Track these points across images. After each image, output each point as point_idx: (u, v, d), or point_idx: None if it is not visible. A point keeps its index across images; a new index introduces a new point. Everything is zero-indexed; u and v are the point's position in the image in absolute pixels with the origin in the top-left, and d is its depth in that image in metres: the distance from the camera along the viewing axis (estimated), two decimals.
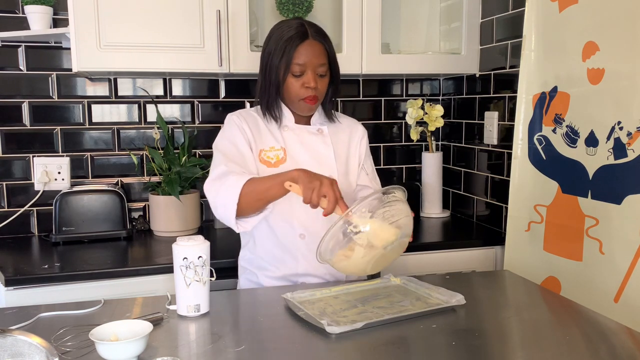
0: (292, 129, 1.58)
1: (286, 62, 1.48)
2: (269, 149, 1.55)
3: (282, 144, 1.56)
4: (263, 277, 1.58)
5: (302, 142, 1.58)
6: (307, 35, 1.49)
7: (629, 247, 1.48)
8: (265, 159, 1.53)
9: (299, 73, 1.49)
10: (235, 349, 1.11)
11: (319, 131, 1.60)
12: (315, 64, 1.49)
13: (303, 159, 1.55)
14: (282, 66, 1.48)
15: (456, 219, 2.45)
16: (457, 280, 1.57)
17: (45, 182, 2.21)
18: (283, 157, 1.54)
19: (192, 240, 1.27)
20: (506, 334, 1.25)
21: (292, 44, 1.47)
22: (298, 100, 1.52)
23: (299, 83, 1.50)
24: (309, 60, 1.48)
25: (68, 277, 1.72)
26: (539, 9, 1.80)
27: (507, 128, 2.12)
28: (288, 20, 1.57)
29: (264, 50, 1.54)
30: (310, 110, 1.56)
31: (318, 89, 1.51)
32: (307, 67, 1.48)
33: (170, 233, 2.14)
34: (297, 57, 1.47)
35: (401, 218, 1.32)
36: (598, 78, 1.58)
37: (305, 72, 1.49)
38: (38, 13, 2.03)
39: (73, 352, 1.08)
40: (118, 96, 2.29)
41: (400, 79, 2.58)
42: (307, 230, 1.54)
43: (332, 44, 1.55)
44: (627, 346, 1.16)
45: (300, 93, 1.50)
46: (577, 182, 1.66)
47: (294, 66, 1.48)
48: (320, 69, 1.50)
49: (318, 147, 1.59)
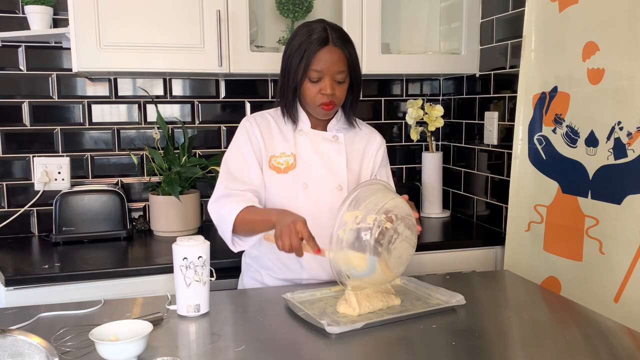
0: (307, 134, 1.57)
1: (304, 67, 1.46)
2: (280, 155, 1.54)
3: (294, 149, 1.55)
4: (267, 276, 1.58)
5: (315, 148, 1.56)
6: (328, 41, 1.45)
7: (629, 247, 1.48)
8: (275, 165, 1.53)
9: (316, 79, 1.47)
10: (235, 349, 1.11)
11: (334, 138, 1.58)
12: (333, 71, 1.46)
13: (314, 165, 1.55)
14: (300, 70, 1.47)
15: (456, 219, 2.45)
16: (457, 280, 1.57)
17: (46, 182, 2.21)
18: (293, 163, 1.53)
19: (192, 240, 1.27)
20: (506, 334, 1.25)
21: (312, 48, 1.44)
22: (315, 106, 1.50)
23: (316, 89, 1.47)
24: (327, 67, 1.45)
25: (68, 277, 1.72)
26: (539, 9, 1.80)
27: (507, 128, 2.12)
28: (312, 22, 1.51)
29: (285, 51, 1.52)
30: (327, 115, 1.54)
31: (335, 96, 1.49)
32: (325, 73, 1.46)
33: (170, 233, 2.14)
34: (315, 63, 1.45)
35: (385, 204, 1.23)
36: (598, 78, 1.58)
37: (323, 78, 1.46)
38: (38, 13, 2.03)
39: (73, 352, 1.08)
40: (118, 96, 2.29)
41: (400, 79, 2.58)
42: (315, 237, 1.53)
43: (354, 50, 1.51)
44: (627, 346, 1.16)
45: (317, 99, 1.49)
46: (577, 182, 1.66)
47: (311, 72, 1.46)
48: (339, 75, 1.47)
49: (331, 154, 1.57)
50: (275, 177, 1.52)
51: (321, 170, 1.54)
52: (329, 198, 1.53)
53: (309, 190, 1.52)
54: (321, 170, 1.54)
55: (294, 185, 1.52)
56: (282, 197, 1.52)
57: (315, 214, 1.47)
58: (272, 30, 2.30)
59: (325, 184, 1.54)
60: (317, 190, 1.53)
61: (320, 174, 1.54)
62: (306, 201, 1.52)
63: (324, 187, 1.54)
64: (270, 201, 1.55)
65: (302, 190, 1.52)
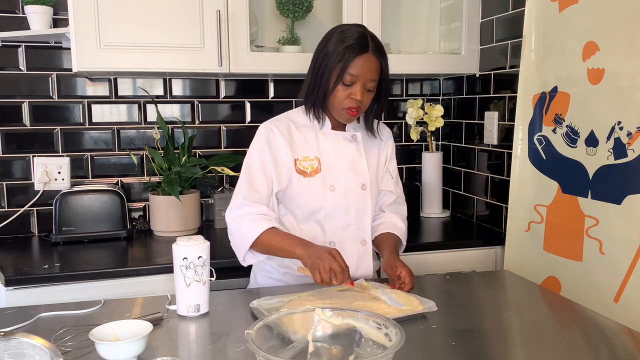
0: (328, 135, 1.58)
1: (341, 69, 1.45)
2: (303, 159, 1.55)
3: (317, 152, 1.56)
4: (287, 275, 1.58)
5: (337, 149, 1.58)
6: (368, 48, 1.46)
7: (629, 247, 1.48)
8: (301, 169, 1.55)
9: (349, 83, 1.47)
10: (235, 349, 1.11)
11: (353, 137, 1.60)
12: (367, 78, 1.47)
13: (339, 166, 1.56)
14: (336, 72, 1.46)
15: (456, 219, 2.45)
16: (457, 280, 1.57)
17: (45, 182, 2.21)
18: (318, 166, 1.55)
19: (192, 240, 1.27)
20: (506, 334, 1.25)
21: (352, 52, 1.45)
22: (341, 109, 1.51)
23: (346, 92, 1.48)
24: (362, 74, 1.46)
25: (68, 277, 1.72)
26: (539, 9, 1.80)
27: (507, 128, 2.12)
28: (350, 25, 1.53)
29: (320, 50, 1.51)
30: (349, 120, 1.56)
31: (362, 103, 1.50)
32: (359, 79, 1.46)
33: (170, 233, 2.14)
34: (352, 67, 1.45)
35: None
36: (598, 78, 1.58)
37: (356, 83, 1.47)
38: (38, 13, 2.03)
39: (73, 352, 1.08)
40: (118, 96, 2.29)
41: (400, 79, 2.58)
42: (337, 238, 1.56)
43: (387, 62, 1.52)
44: (627, 346, 1.16)
45: (345, 103, 1.49)
46: (577, 182, 1.66)
47: (346, 75, 1.46)
48: (370, 84, 1.48)
49: (352, 154, 1.59)
50: (302, 181, 1.54)
51: (346, 171, 1.57)
52: (354, 198, 1.57)
53: (336, 192, 1.55)
54: (346, 171, 1.57)
55: (322, 187, 1.54)
56: (311, 199, 1.54)
57: (343, 213, 1.56)
58: (272, 30, 2.30)
59: (351, 184, 1.57)
60: (344, 191, 1.56)
61: (345, 175, 1.57)
62: (334, 202, 1.55)
63: (350, 187, 1.57)
64: (299, 204, 1.55)
65: (330, 192, 1.54)
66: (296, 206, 1.56)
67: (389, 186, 1.68)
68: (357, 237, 1.58)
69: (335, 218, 1.55)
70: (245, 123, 2.42)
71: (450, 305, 1.36)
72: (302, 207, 1.55)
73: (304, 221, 1.56)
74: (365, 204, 1.58)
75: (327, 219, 1.55)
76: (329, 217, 1.55)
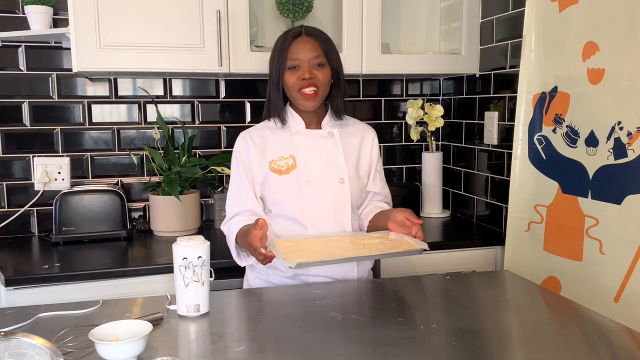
0: (303, 134, 1.62)
1: (282, 59, 1.54)
2: (279, 159, 1.59)
3: (291, 151, 1.59)
4: (274, 276, 1.59)
5: (313, 146, 1.61)
6: (301, 33, 1.57)
7: (629, 247, 1.48)
8: (276, 168, 1.58)
9: (293, 66, 1.54)
10: (235, 349, 1.11)
11: (329, 134, 1.63)
12: (309, 58, 1.54)
13: (314, 161, 1.59)
14: (280, 64, 1.55)
15: (456, 219, 2.45)
16: (457, 280, 1.57)
17: (45, 182, 2.21)
18: (293, 163, 1.58)
19: (192, 240, 1.27)
20: (506, 334, 1.25)
21: (286, 42, 1.56)
22: (296, 91, 1.55)
23: (295, 76, 1.55)
24: (303, 55, 1.54)
25: (68, 277, 1.72)
26: (539, 9, 1.80)
27: (507, 128, 2.12)
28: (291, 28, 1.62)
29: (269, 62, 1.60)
30: (310, 102, 1.57)
31: (318, 80, 1.54)
32: (302, 61, 1.54)
33: (170, 233, 2.14)
34: (290, 53, 1.55)
35: None
36: (598, 78, 1.58)
37: (301, 66, 1.54)
38: (38, 13, 2.03)
39: (73, 353, 1.08)
40: (118, 96, 2.29)
41: (400, 79, 2.58)
42: (319, 231, 1.56)
43: (328, 39, 1.59)
44: (627, 346, 1.16)
45: (297, 85, 1.54)
46: (577, 182, 1.66)
47: (288, 61, 1.54)
48: (316, 60, 1.55)
49: (329, 149, 1.62)
50: (277, 179, 1.57)
51: (322, 165, 1.59)
52: (332, 192, 1.58)
53: (313, 185, 1.57)
54: (322, 165, 1.59)
55: (297, 183, 1.56)
56: (287, 196, 1.57)
57: (322, 208, 1.57)
58: (272, 30, 2.30)
59: (328, 178, 1.58)
60: (320, 185, 1.57)
61: (321, 168, 1.59)
62: (311, 196, 1.56)
63: (327, 181, 1.58)
64: (276, 201, 1.59)
65: (306, 187, 1.56)
66: (275, 204, 1.59)
67: (377, 188, 1.71)
68: (338, 231, 1.59)
69: (313, 213, 1.56)
70: (245, 123, 2.42)
71: (450, 305, 1.36)
72: (280, 204, 1.58)
73: (285, 218, 1.58)
74: (345, 198, 1.59)
75: (306, 214, 1.56)
76: (307, 212, 1.56)
